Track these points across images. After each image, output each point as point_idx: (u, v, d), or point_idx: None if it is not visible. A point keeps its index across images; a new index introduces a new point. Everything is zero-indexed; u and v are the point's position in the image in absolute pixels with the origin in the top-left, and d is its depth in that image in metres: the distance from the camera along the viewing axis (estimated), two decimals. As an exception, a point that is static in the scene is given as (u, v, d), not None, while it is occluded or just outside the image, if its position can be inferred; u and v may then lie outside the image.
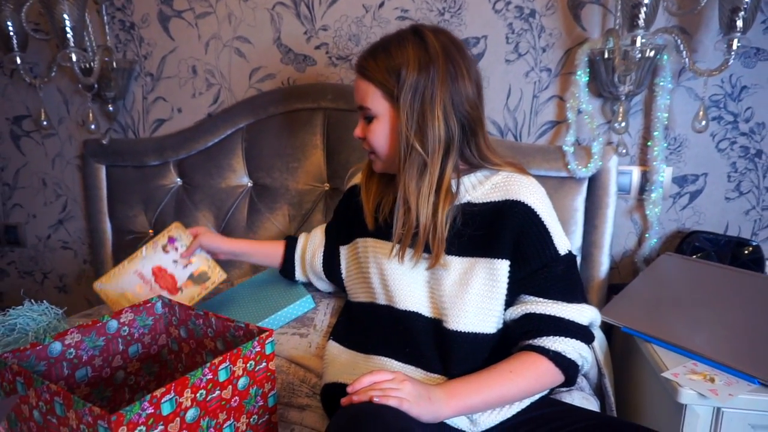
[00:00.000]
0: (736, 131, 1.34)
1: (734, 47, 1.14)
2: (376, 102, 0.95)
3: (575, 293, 0.93)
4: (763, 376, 0.95)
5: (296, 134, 1.57)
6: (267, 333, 0.87)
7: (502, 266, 0.92)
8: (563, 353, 0.88)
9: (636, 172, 1.41)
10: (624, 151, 1.37)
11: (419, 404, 0.79)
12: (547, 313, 0.91)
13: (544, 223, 0.93)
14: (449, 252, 0.96)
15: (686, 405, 0.97)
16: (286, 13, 1.58)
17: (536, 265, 0.92)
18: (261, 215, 1.63)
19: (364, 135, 1.00)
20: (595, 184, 1.37)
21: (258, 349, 0.85)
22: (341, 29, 1.55)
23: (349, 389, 0.80)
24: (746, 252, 1.30)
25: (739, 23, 1.10)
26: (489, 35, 1.44)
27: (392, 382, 0.80)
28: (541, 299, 0.92)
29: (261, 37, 1.62)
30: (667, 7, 1.26)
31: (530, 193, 0.94)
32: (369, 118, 0.97)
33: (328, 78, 1.59)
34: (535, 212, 0.93)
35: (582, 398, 1.06)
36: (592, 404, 1.06)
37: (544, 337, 0.89)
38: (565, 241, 0.95)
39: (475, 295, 0.93)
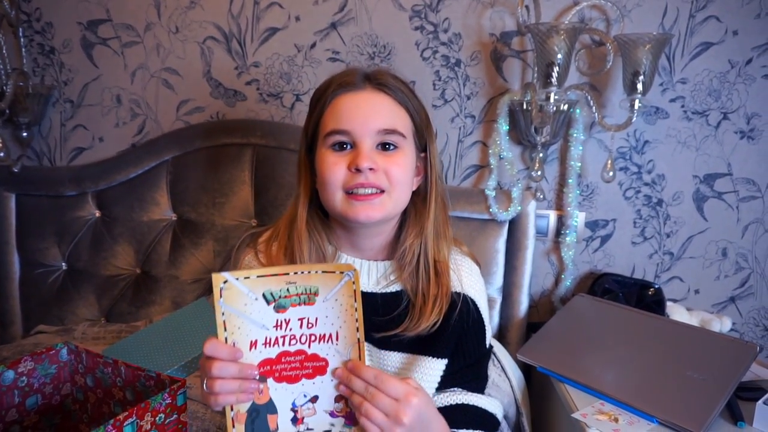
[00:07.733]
0: (640, 181, 1.45)
1: (636, 107, 1.24)
2: (407, 129, 0.83)
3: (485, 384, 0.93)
4: (661, 416, 1.01)
5: (224, 169, 1.55)
6: (179, 384, 0.83)
7: (441, 365, 0.86)
8: None
9: (553, 216, 1.49)
10: (541, 196, 1.45)
11: None
12: (479, 405, 0.87)
13: (484, 321, 0.90)
14: (384, 346, 0.87)
15: (593, 445, 1.02)
16: (216, 47, 1.57)
17: (470, 361, 0.89)
18: (185, 250, 1.58)
19: (378, 167, 0.79)
20: (515, 226, 1.44)
21: (168, 401, 0.82)
22: (273, 67, 1.55)
23: (349, 366, 0.68)
24: (650, 293, 1.40)
25: (640, 86, 1.21)
26: (417, 81, 1.49)
27: (398, 411, 0.65)
28: (467, 392, 0.88)
29: (190, 69, 1.60)
30: (578, 67, 1.36)
31: (473, 284, 0.89)
32: (389, 146, 0.81)
33: (258, 114, 1.58)
34: (479, 311, 0.89)
35: (499, 438, 1.09)
36: (509, 443, 1.09)
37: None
38: (490, 334, 0.94)
39: None
